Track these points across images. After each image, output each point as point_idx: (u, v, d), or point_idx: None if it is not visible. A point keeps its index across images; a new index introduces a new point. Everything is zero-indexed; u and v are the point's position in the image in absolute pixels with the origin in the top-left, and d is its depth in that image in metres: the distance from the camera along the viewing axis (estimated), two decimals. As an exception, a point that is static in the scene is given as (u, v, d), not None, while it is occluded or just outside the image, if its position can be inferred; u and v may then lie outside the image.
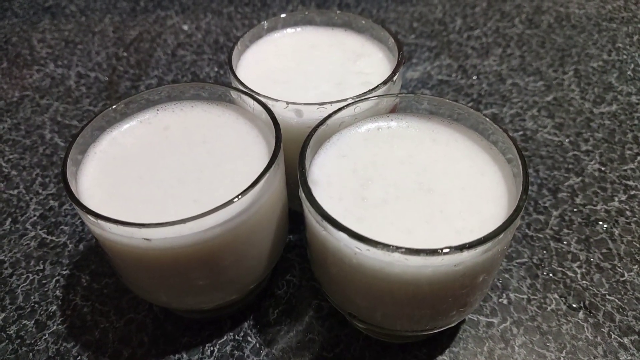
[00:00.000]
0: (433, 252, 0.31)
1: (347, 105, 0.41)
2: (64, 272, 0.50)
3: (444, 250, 0.31)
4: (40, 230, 0.54)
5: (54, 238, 0.53)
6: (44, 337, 0.45)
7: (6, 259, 0.51)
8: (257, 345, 0.44)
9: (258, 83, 0.44)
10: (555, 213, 0.54)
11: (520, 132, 0.63)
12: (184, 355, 0.44)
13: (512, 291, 0.47)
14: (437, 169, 0.39)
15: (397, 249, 0.31)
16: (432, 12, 0.85)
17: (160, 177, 0.39)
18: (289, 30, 0.53)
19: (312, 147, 0.39)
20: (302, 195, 0.35)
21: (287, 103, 0.42)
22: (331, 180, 0.38)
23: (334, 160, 0.40)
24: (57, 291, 0.49)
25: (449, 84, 0.71)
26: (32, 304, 0.48)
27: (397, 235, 0.34)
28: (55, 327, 0.46)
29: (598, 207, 0.54)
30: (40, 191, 0.58)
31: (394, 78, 0.44)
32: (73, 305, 0.47)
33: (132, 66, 0.76)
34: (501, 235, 0.32)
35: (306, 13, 0.53)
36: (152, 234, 0.33)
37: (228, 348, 0.44)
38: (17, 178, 0.60)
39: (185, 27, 0.84)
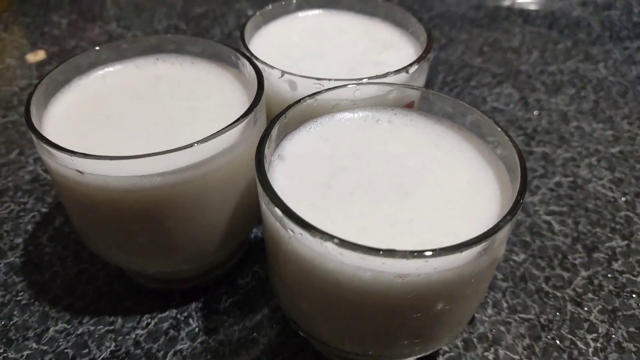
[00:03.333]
0: (371, 250, 0.25)
1: (345, 86, 0.36)
2: (43, 210, 0.49)
3: (385, 252, 0.25)
4: (39, 166, 0.54)
5: (47, 176, 0.53)
6: (-3, 265, 0.44)
7: (-2, 185, 0.51)
8: (197, 330, 0.40)
9: (267, 54, 0.41)
10: (583, 273, 0.45)
11: (570, 179, 0.54)
12: (119, 320, 0.40)
13: (504, 348, 0.39)
14: (428, 176, 0.33)
15: (331, 238, 0.26)
16: (508, 40, 0.78)
17: (129, 122, 0.36)
18: (320, 10, 0.49)
19: (293, 119, 0.35)
20: (255, 163, 0.31)
21: (283, 72, 0.38)
22: (301, 160, 0.34)
23: (312, 142, 0.35)
24: (29, 226, 0.48)
25: (504, 113, 0.63)
26: (2, 232, 0.47)
27: (349, 232, 0.29)
28: (12, 258, 0.45)
29: (638, 279, 0.44)
30: (55, 131, 0.58)
31: (410, 70, 0.39)
32: (37, 243, 0.46)
33: (187, 39, 0.76)
34: (462, 253, 0.26)
35: (345, -4, 0.49)
36: (83, 166, 0.31)
37: (165, 325, 0.40)
38: (41, 115, 0.61)
39: (250, 13, 0.83)
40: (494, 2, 0.89)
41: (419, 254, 0.25)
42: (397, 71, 0.38)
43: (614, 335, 0.40)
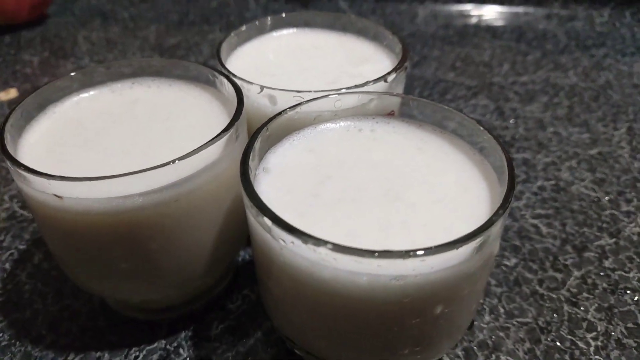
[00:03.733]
0: (366, 252, 0.24)
1: (325, 96, 0.36)
2: (21, 247, 0.47)
3: (381, 253, 0.24)
4: (15, 203, 0.52)
5: (24, 212, 0.51)
6: (-28, 307, 0.42)
7: (-29, 225, 0.49)
8: (188, 359, 0.38)
9: (245, 73, 0.41)
10: (576, 273, 0.45)
11: (553, 182, 0.55)
12: (105, 355, 0.38)
13: (505, 353, 0.39)
14: (414, 178, 0.33)
15: (324, 243, 0.25)
16: (479, 54, 0.80)
17: (106, 145, 0.35)
18: (294, 29, 0.50)
19: (275, 131, 0.34)
20: (240, 174, 0.30)
21: (262, 87, 0.38)
22: (285, 171, 0.33)
23: (297, 153, 0.35)
24: (7, 264, 0.46)
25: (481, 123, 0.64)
26: (-23, 273, 0.45)
27: (340, 238, 0.28)
28: (-11, 299, 0.43)
29: (631, 275, 0.44)
30: (30, 167, 0.57)
31: (389, 79, 0.39)
32: (16, 281, 0.44)
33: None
34: (459, 250, 0.25)
35: (315, 14, 0.49)
36: (62, 190, 0.29)
37: (154, 357, 0.38)
38: (15, 153, 0.59)
39: (224, 42, 0.84)
40: (461, 21, 0.91)
41: (414, 253, 0.24)
42: (376, 80, 0.38)
43: (613, 333, 0.40)
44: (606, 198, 0.53)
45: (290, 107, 0.35)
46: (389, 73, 0.39)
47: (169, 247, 0.34)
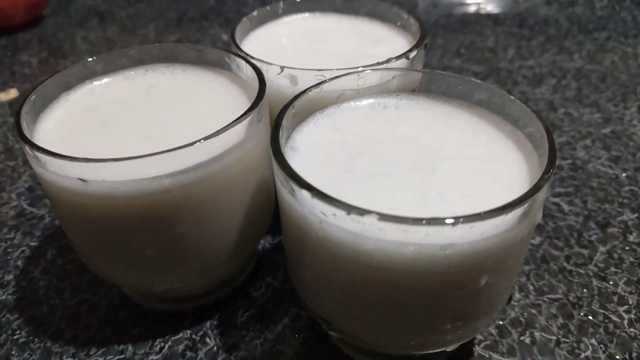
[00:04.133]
0: (415, 220, 0.23)
1: (348, 74, 0.35)
2: (32, 244, 0.46)
3: (429, 220, 0.23)
4: (23, 200, 0.51)
5: (33, 209, 0.50)
6: (-13, 306, 0.40)
7: (-20, 224, 0.48)
8: (215, 348, 0.37)
9: (260, 56, 0.40)
10: (602, 249, 0.44)
11: (569, 161, 0.54)
12: (129, 347, 0.37)
13: (538, 330, 0.38)
14: (446, 152, 0.32)
15: (369, 212, 0.24)
16: (483, 41, 0.80)
17: (124, 130, 0.34)
18: (305, 14, 0.49)
19: (300, 111, 0.34)
20: (271, 153, 0.29)
21: (282, 68, 0.37)
22: (314, 149, 0.32)
23: (322, 131, 0.34)
24: (19, 261, 0.44)
25: (491, 107, 0.63)
26: (-11, 271, 0.43)
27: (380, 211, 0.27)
28: (4, 296, 0.41)
29: (657, 248, 0.44)
30: (36, 165, 0.55)
31: (410, 56, 0.38)
32: (30, 278, 0.43)
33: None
34: (508, 215, 0.24)
35: (327, -1, 0.49)
36: (87, 173, 0.28)
37: (180, 347, 0.37)
38: (19, 151, 0.58)
39: (225, 37, 0.83)
40: (461, 9, 0.91)
41: (465, 219, 0.23)
42: (398, 57, 0.37)
43: (645, 305, 0.39)
44: (624, 174, 0.52)
45: (314, 85, 0.34)
46: (410, 50, 0.38)
47: (195, 230, 0.33)
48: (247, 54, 0.38)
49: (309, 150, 0.32)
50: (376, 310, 0.29)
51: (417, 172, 0.30)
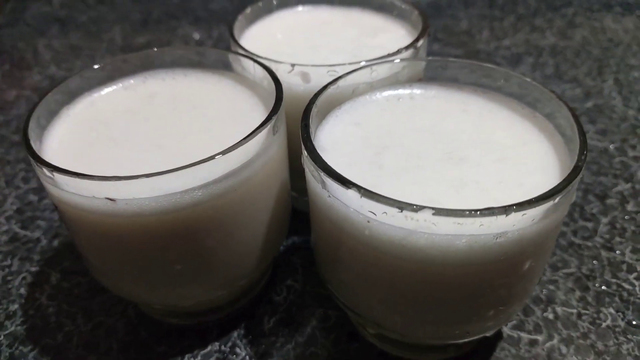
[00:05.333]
0: (470, 212, 0.23)
1: (362, 68, 0.35)
2: (33, 269, 0.43)
3: (484, 211, 0.23)
4: (14, 224, 0.48)
5: (27, 233, 0.47)
6: (-4, 339, 0.38)
7: (-29, 253, 0.45)
8: (247, 358, 0.36)
9: (259, 53, 0.39)
10: (604, 220, 0.46)
11: (558, 138, 0.56)
12: (158, 366, 0.36)
13: (559, 304, 0.39)
14: (468, 139, 0.32)
15: (422, 208, 0.24)
16: (457, 24, 0.81)
17: (136, 141, 0.33)
18: (299, 8, 0.48)
19: (320, 109, 0.33)
20: (304, 154, 0.29)
21: (292, 65, 0.36)
22: (339, 146, 0.32)
23: (344, 127, 0.33)
24: (22, 289, 0.42)
25: (476, 90, 0.64)
26: (-10, 303, 0.41)
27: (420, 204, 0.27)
28: (13, 328, 0.39)
29: (656, 215, 0.46)
30: (21, 185, 0.52)
31: (418, 44, 0.38)
32: (37, 305, 0.40)
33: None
34: (557, 199, 0.25)
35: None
36: (116, 191, 0.27)
37: None
38: (0, 172, 0.54)
39: (197, 36, 0.80)
40: (429, -6, 0.92)
41: (518, 207, 0.24)
42: (407, 47, 0.37)
43: (654, 271, 0.41)
44: (612, 146, 0.54)
45: (331, 82, 0.33)
46: (417, 39, 0.38)
47: (224, 241, 0.32)
48: (253, 54, 0.37)
49: (335, 148, 0.32)
50: (423, 303, 0.29)
51: (447, 163, 0.30)
